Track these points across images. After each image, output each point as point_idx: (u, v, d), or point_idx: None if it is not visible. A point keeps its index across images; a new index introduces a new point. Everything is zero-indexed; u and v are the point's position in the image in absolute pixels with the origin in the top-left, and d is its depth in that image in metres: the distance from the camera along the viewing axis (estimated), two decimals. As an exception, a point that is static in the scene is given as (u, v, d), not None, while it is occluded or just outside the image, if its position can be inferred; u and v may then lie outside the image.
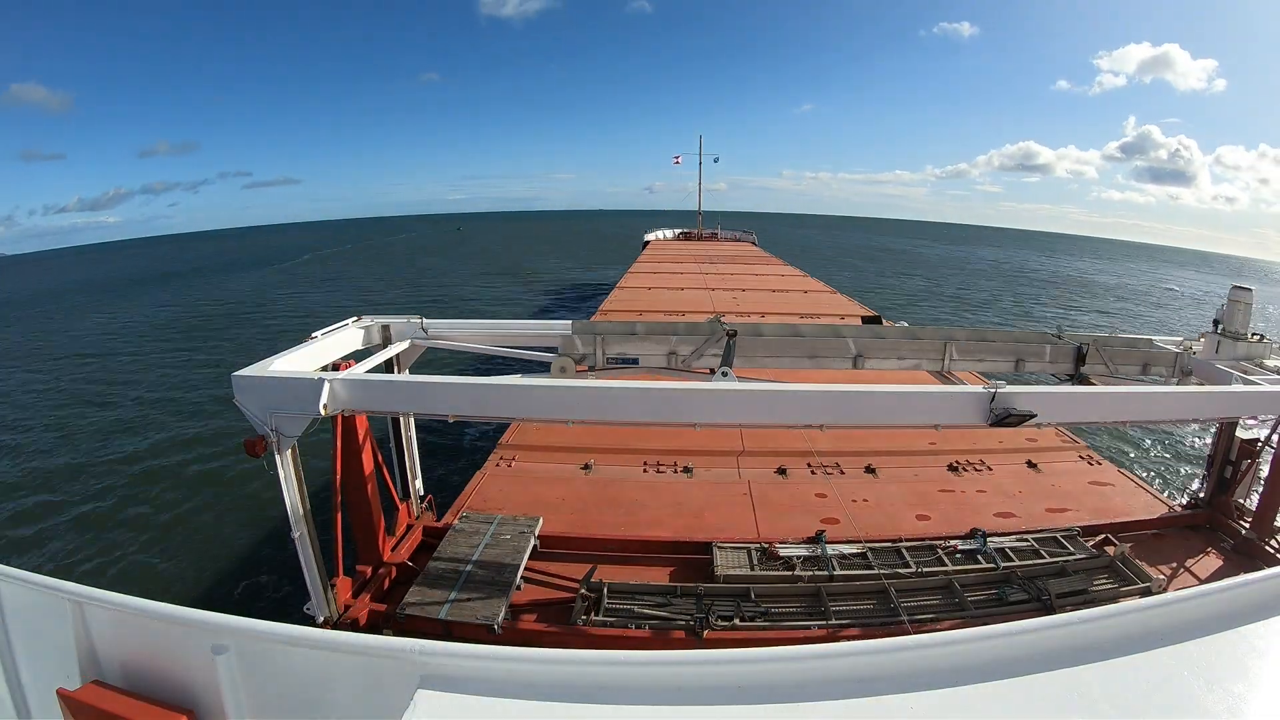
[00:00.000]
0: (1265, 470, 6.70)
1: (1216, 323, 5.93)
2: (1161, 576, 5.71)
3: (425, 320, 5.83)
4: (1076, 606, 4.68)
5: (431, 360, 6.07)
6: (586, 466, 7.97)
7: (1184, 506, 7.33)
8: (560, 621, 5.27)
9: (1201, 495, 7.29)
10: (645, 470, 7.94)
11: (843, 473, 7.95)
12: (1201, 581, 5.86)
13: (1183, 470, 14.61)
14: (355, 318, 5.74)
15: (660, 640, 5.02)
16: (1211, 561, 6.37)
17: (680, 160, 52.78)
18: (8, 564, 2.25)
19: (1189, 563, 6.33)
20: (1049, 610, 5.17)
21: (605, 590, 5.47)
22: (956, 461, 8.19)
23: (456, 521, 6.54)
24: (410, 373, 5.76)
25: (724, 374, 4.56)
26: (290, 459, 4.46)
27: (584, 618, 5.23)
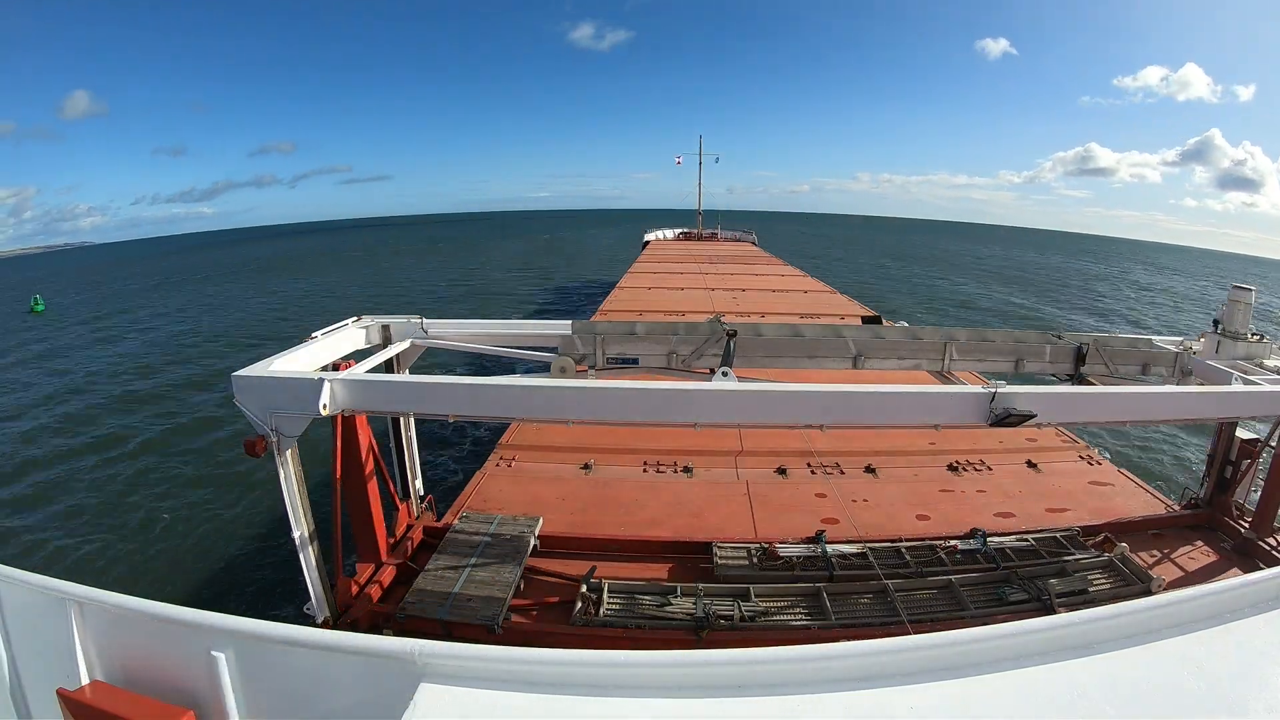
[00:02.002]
0: (1266, 470, 6.71)
1: (1216, 323, 5.92)
2: (1161, 576, 5.71)
3: (425, 320, 5.82)
4: (1076, 606, 4.68)
5: (431, 360, 6.07)
6: (586, 466, 7.97)
7: (1184, 506, 7.32)
8: (560, 621, 5.27)
9: (1201, 495, 7.30)
10: (645, 470, 7.94)
11: (843, 473, 7.95)
12: (1201, 581, 5.86)
13: (1182, 470, 14.61)
14: (355, 318, 5.74)
15: (660, 640, 5.01)
16: (1211, 561, 6.37)
17: (681, 161, 52.74)
18: (7, 564, 2.25)
19: (1189, 563, 6.33)
20: (1049, 610, 5.17)
21: (605, 590, 5.47)
22: (956, 461, 8.19)
23: (456, 521, 6.54)
24: (410, 373, 5.76)
25: (724, 374, 4.56)
26: (290, 459, 4.45)
27: (584, 617, 5.24)
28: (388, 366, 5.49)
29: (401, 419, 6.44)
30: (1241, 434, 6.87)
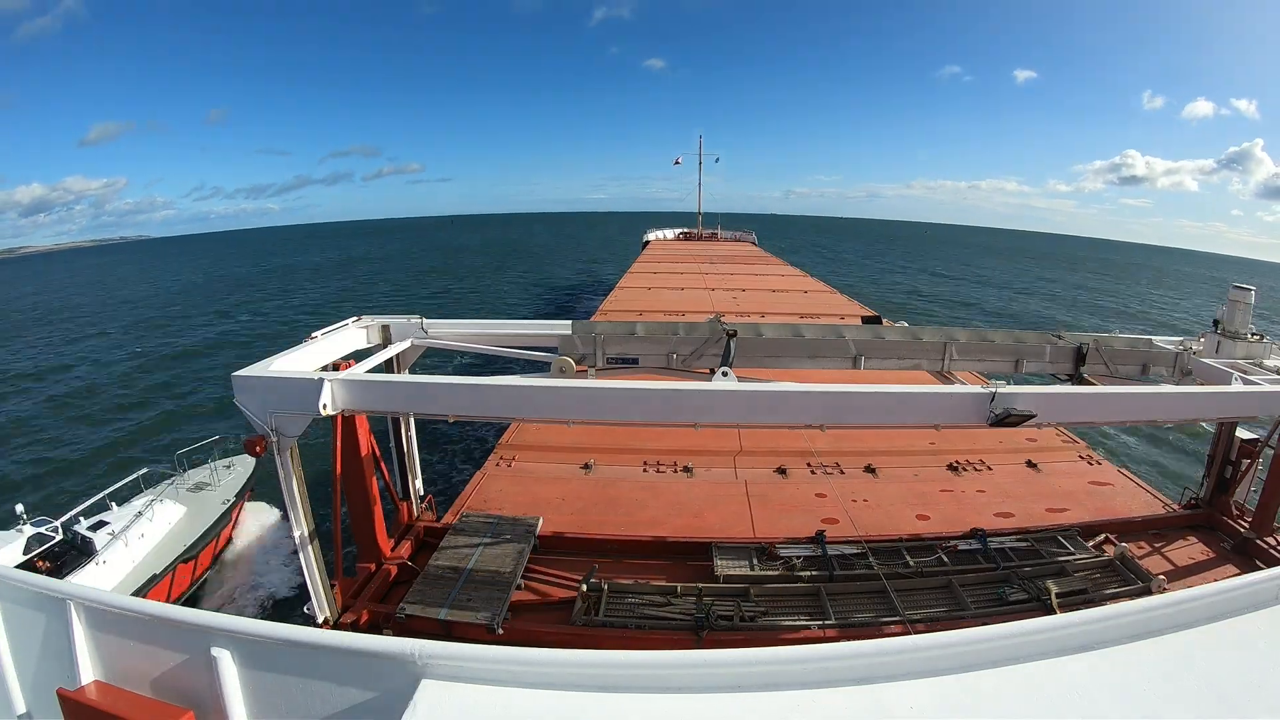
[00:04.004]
0: (1265, 470, 6.70)
1: (1216, 323, 5.91)
2: (1161, 576, 5.71)
3: (425, 320, 5.82)
4: (1076, 606, 4.67)
5: (431, 360, 6.07)
6: (586, 466, 7.97)
7: (1184, 506, 7.33)
8: (560, 621, 5.27)
9: (1201, 495, 7.29)
10: (645, 470, 7.94)
11: (843, 472, 7.95)
12: (1201, 580, 5.86)
13: (1182, 470, 14.60)
14: (355, 318, 5.73)
15: (660, 640, 5.01)
16: (1211, 561, 6.37)
17: (681, 161, 52.70)
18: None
19: (1189, 562, 6.33)
20: (1049, 610, 5.16)
21: (605, 590, 5.47)
22: (956, 461, 8.19)
23: (456, 521, 6.53)
24: (410, 373, 5.76)
25: (724, 374, 4.55)
26: (290, 459, 4.45)
27: (584, 617, 5.23)
28: (388, 367, 5.48)
29: (401, 419, 6.44)
30: (1241, 434, 6.87)
